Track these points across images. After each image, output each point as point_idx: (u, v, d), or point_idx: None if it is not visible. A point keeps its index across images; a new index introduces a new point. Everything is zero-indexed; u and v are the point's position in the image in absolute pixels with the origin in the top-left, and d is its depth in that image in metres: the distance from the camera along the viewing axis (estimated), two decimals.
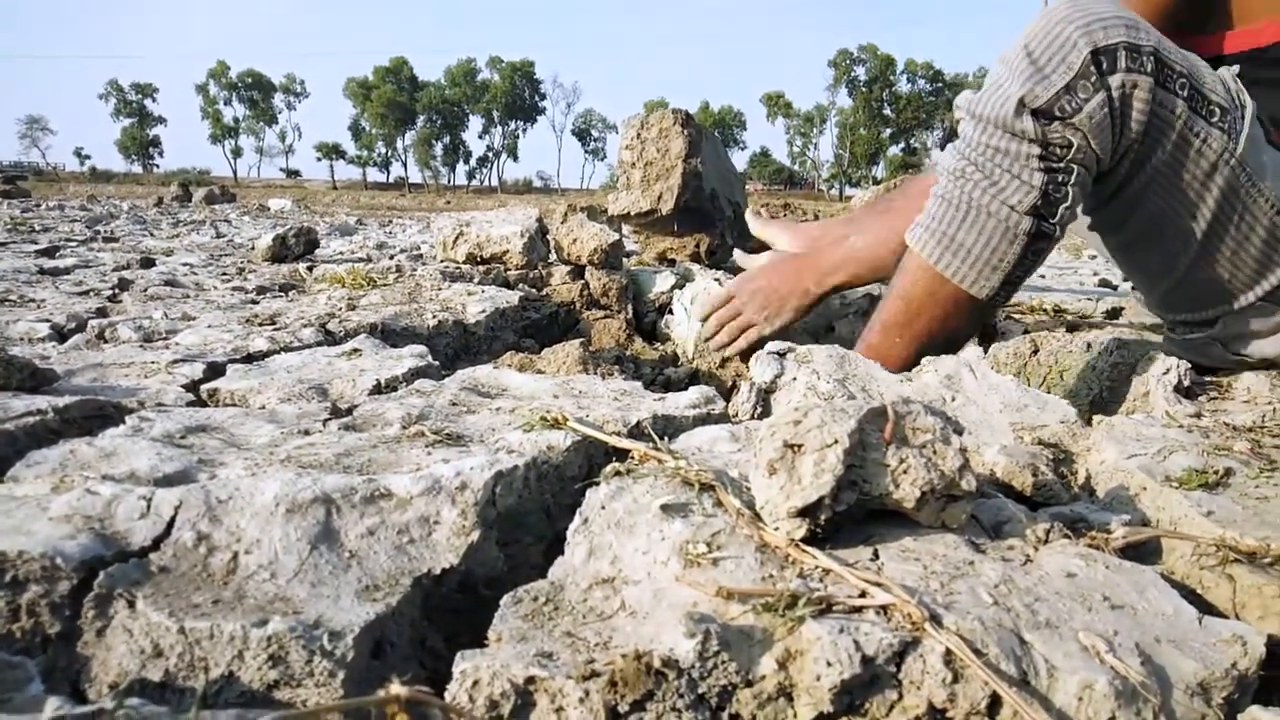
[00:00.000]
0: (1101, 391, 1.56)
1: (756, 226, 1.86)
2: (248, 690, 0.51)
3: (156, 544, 0.61)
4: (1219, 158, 1.15)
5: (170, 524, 0.62)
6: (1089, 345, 1.68)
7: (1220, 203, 1.18)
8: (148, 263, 2.51)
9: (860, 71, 75.21)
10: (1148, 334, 1.68)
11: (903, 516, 0.65)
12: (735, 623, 0.52)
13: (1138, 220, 1.24)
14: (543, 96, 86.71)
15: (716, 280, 1.95)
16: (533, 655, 0.50)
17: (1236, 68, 1.22)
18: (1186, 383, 1.27)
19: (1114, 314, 2.01)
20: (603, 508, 0.67)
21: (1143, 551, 0.68)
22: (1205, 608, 0.59)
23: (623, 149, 2.69)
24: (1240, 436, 0.89)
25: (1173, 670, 0.49)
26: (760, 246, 1.87)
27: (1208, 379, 1.28)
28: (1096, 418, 0.98)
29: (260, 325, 1.48)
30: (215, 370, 1.16)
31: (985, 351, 1.60)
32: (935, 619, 0.51)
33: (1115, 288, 3.49)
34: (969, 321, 1.30)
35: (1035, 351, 1.81)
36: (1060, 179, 1.14)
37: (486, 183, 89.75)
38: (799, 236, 1.71)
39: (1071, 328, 1.80)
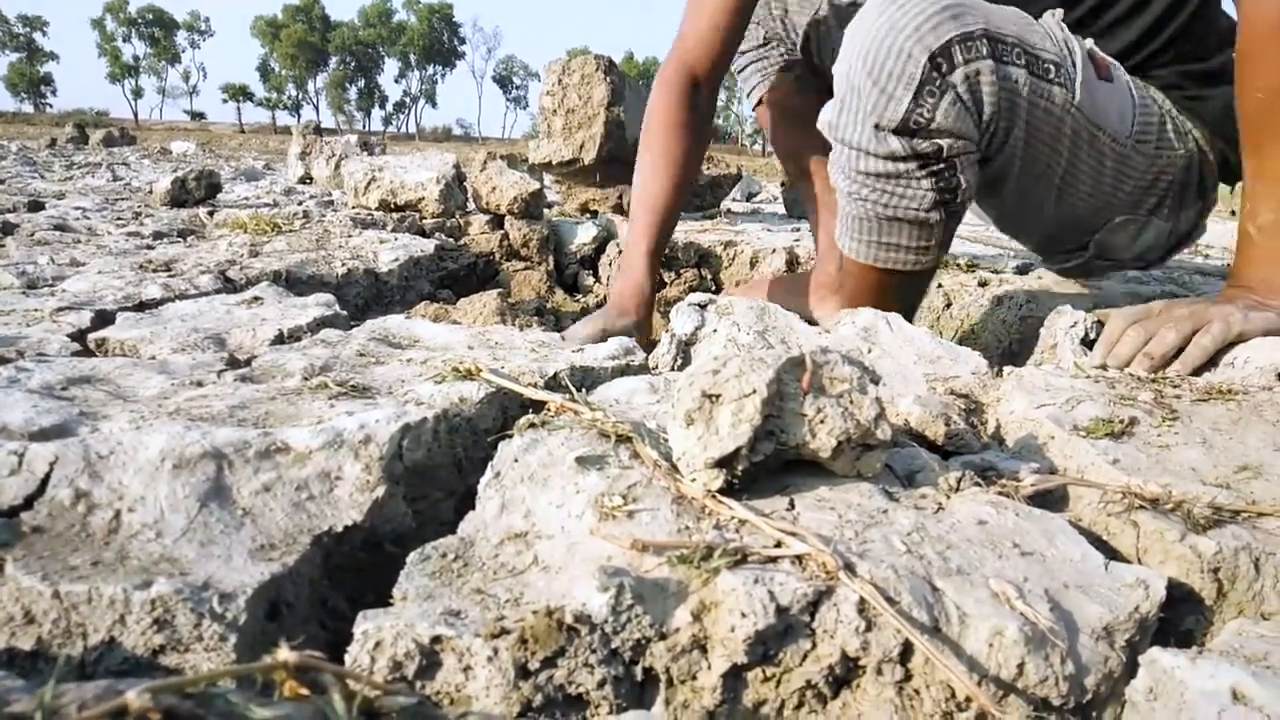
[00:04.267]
0: (1011, 344, 1.60)
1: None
2: (131, 656, 0.48)
3: (29, 502, 0.56)
4: (1063, 110, 1.19)
5: (45, 480, 0.58)
6: (999, 300, 1.72)
7: (1071, 150, 1.24)
8: (36, 206, 2.35)
9: None
10: (1056, 288, 1.73)
11: (819, 466, 0.64)
12: (650, 576, 0.51)
13: (1009, 189, 1.31)
14: (462, 41, 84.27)
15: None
16: (439, 614, 0.47)
17: (1060, 11, 1.25)
18: (1093, 335, 1.30)
19: (1024, 270, 2.06)
20: (516, 461, 0.65)
21: (1051, 499, 0.69)
22: (1110, 553, 0.61)
23: (544, 95, 2.62)
24: (1144, 387, 0.91)
25: (1079, 615, 0.50)
26: None
27: None
28: (1006, 369, 0.99)
29: (155, 272, 1.40)
30: (104, 319, 1.09)
31: None
32: (849, 568, 0.50)
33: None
34: (920, 286, 1.40)
35: (948, 305, 1.85)
36: (948, 174, 1.17)
37: (404, 129, 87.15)
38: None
39: (983, 282, 1.83)
